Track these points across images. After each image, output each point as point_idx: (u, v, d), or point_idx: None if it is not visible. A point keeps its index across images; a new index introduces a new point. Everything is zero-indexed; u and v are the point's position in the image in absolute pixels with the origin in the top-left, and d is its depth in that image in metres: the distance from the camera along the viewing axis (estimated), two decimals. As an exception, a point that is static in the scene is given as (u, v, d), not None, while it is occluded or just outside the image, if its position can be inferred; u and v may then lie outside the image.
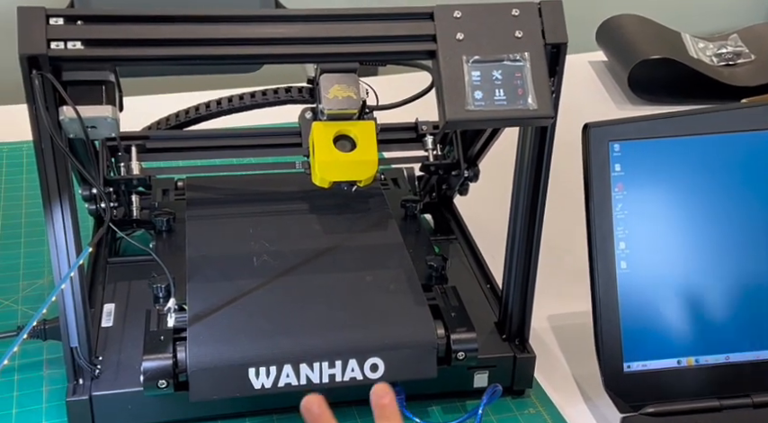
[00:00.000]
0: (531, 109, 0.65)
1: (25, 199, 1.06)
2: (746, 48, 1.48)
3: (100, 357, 0.74)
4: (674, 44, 1.46)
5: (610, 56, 1.48)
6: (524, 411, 0.78)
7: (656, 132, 0.75)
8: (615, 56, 1.46)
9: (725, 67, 1.44)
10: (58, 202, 0.66)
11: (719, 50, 1.47)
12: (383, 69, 0.90)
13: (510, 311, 0.78)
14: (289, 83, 0.92)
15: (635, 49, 1.41)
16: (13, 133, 1.18)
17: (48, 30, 0.61)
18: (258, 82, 1.05)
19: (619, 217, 0.75)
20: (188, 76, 1.48)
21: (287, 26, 0.65)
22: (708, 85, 1.38)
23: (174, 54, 0.64)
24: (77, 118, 0.62)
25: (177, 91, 1.25)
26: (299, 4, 1.11)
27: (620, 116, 0.77)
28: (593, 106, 1.35)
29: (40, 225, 1.00)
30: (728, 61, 1.45)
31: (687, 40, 1.49)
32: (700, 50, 1.46)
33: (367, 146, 0.79)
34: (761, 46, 1.49)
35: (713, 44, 1.49)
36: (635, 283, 0.75)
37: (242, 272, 0.79)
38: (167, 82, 1.35)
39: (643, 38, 1.45)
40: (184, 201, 0.91)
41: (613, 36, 1.48)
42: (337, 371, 0.72)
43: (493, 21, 0.66)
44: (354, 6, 0.67)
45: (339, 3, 0.76)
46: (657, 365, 0.76)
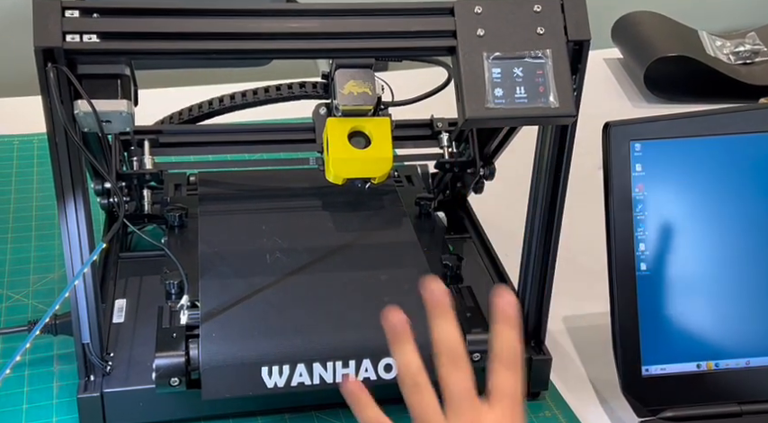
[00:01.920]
0: (552, 107, 0.64)
1: (36, 192, 1.06)
2: (764, 46, 1.47)
3: (111, 354, 0.74)
4: (691, 42, 1.44)
5: (625, 53, 1.47)
6: (540, 414, 0.78)
7: (678, 132, 0.74)
8: (631, 53, 1.44)
9: (742, 66, 1.43)
10: (71, 197, 0.65)
11: (737, 49, 1.46)
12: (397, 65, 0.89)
13: (526, 312, 0.77)
14: (299, 78, 0.91)
15: (651, 47, 1.39)
16: (25, 125, 1.17)
17: (63, 22, 0.60)
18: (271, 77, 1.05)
19: (639, 218, 0.74)
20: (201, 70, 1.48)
21: (304, 21, 0.65)
22: (725, 83, 1.37)
23: (190, 48, 0.63)
24: (92, 112, 0.62)
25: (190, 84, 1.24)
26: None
27: (636, 115, 0.76)
28: (609, 104, 1.34)
29: (51, 218, 1.00)
30: (746, 60, 1.44)
31: (704, 37, 1.48)
32: (717, 48, 1.45)
33: (382, 143, 0.79)
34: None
35: (730, 42, 1.48)
36: (654, 285, 0.75)
37: (255, 269, 0.78)
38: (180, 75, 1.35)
39: (659, 35, 1.44)
40: (197, 196, 0.91)
41: (629, 33, 1.47)
42: (351, 371, 0.71)
43: (514, 16, 0.65)
44: (372, 1, 0.66)
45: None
46: (676, 369, 0.75)
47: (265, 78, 0.97)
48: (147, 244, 0.88)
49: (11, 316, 0.86)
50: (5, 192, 1.06)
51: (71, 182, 0.65)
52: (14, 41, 0.86)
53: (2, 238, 0.97)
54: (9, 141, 1.16)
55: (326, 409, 0.76)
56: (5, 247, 0.96)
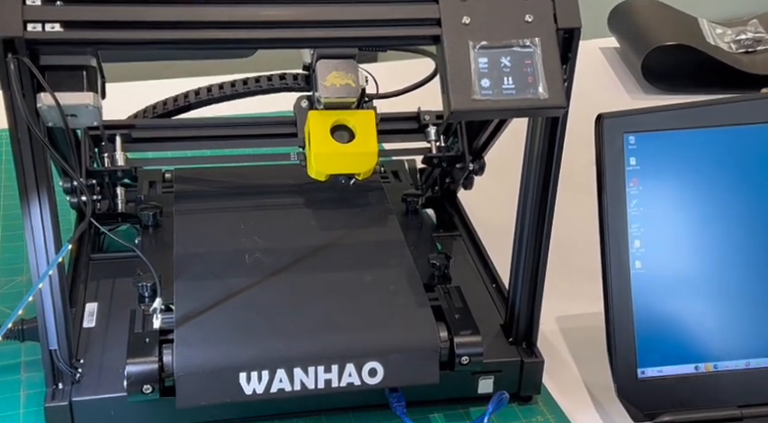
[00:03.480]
0: (541, 98, 0.64)
1: (3, 190, 1.05)
2: (767, 34, 1.47)
3: (81, 360, 0.73)
4: (691, 30, 1.44)
5: (622, 42, 1.47)
6: (532, 419, 0.77)
7: (674, 124, 0.74)
8: (628, 42, 1.44)
9: (744, 55, 1.43)
10: (35, 196, 0.64)
11: (738, 37, 1.46)
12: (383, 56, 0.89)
13: (517, 313, 0.77)
14: (284, 69, 0.90)
15: (649, 36, 1.39)
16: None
17: (24, 10, 0.59)
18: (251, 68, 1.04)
19: (633, 214, 0.74)
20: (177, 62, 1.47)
21: (283, 9, 0.64)
22: (726, 73, 1.37)
23: (162, 38, 0.62)
24: (56, 105, 0.61)
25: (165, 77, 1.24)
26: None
27: (634, 106, 0.76)
28: (605, 95, 1.34)
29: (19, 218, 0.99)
30: (748, 48, 1.44)
31: (704, 25, 1.48)
32: (717, 37, 1.45)
33: (366, 137, 0.78)
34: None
35: (731, 30, 1.48)
36: (650, 283, 0.74)
37: (233, 270, 0.78)
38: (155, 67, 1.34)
39: (657, 23, 1.44)
40: (172, 194, 0.90)
41: (626, 21, 1.47)
42: (333, 376, 0.70)
43: (501, 4, 0.64)
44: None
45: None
46: (674, 371, 0.75)
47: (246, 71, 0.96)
48: (120, 245, 0.87)
49: (-23, 321, 0.85)
50: (-27, 190, 1.05)
51: (35, 180, 0.64)
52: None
53: (-31, 240, 0.97)
54: (-23, 137, 1.16)
55: (310, 416, 0.76)
56: (-28, 249, 0.95)
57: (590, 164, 0.75)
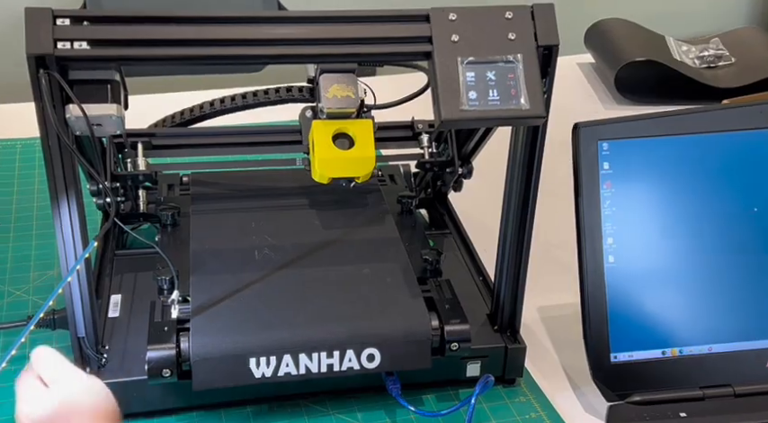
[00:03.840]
0: (523, 109, 0.64)
1: (37, 193, 1.05)
2: (727, 51, 1.47)
3: (106, 346, 0.73)
4: (659, 47, 1.44)
5: (597, 58, 1.47)
6: (515, 400, 0.77)
7: (644, 132, 0.74)
8: (602, 58, 1.44)
9: (706, 70, 1.43)
10: (65, 198, 0.64)
11: (701, 53, 1.46)
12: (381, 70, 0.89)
13: (502, 303, 0.77)
14: (290, 82, 0.90)
15: (621, 52, 1.39)
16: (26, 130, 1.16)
17: (54, 30, 0.59)
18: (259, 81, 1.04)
19: (607, 213, 0.74)
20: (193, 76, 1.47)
21: (288, 27, 0.64)
22: (690, 86, 1.36)
23: (179, 54, 0.62)
24: (83, 116, 0.61)
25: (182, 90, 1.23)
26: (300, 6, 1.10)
27: (607, 116, 0.76)
28: (581, 106, 1.34)
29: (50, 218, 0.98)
30: (710, 64, 1.44)
31: (671, 43, 1.48)
32: (683, 53, 1.45)
33: (365, 143, 0.78)
34: (741, 49, 1.47)
35: (695, 47, 1.48)
36: (622, 276, 0.74)
37: (244, 265, 0.77)
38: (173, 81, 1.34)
39: (629, 41, 1.44)
40: (189, 196, 0.90)
41: (601, 39, 1.47)
42: (335, 361, 0.71)
43: (487, 23, 0.64)
44: (353, 8, 0.65)
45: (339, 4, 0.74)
46: (643, 356, 0.75)
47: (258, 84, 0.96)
48: (142, 242, 0.87)
49: (12, 311, 0.84)
50: (8, 193, 1.05)
51: (64, 183, 0.64)
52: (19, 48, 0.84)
53: (4, 237, 0.96)
54: (12, 145, 1.15)
55: (314, 398, 0.76)
56: (7, 246, 0.95)
57: (567, 168, 0.75)
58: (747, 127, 0.75)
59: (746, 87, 1.36)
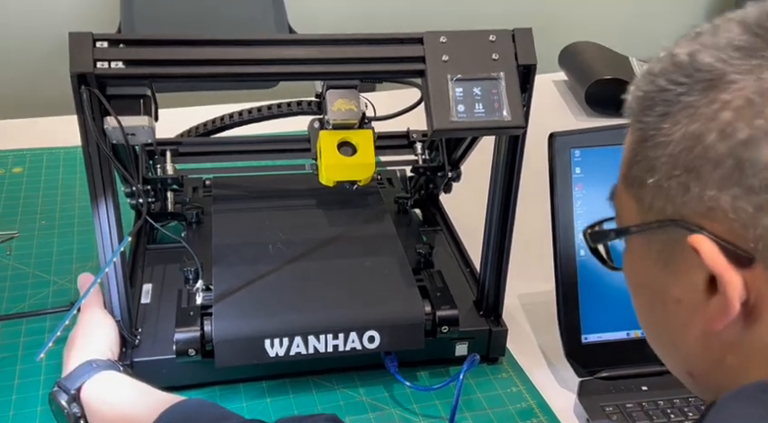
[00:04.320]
0: (505, 120, 0.64)
1: (78, 195, 1.05)
2: (684, 70, 1.47)
3: (140, 329, 0.73)
4: (623, 66, 1.44)
5: (569, 76, 1.47)
6: (498, 376, 0.77)
7: (611, 141, 0.74)
8: (574, 76, 1.44)
9: (666, 86, 1.43)
10: (103, 199, 0.64)
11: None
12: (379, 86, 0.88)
13: (486, 291, 0.77)
14: (299, 97, 0.90)
15: (591, 71, 1.39)
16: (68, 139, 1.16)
17: (94, 52, 0.59)
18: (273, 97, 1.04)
19: (578, 212, 0.74)
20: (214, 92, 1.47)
21: (299, 49, 0.64)
22: (651, 100, 1.36)
23: (202, 72, 0.63)
24: (119, 127, 0.61)
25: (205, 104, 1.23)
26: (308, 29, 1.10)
27: (578, 127, 0.75)
28: (555, 119, 1.33)
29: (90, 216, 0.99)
30: (669, 81, 1.44)
31: (634, 63, 1.47)
32: (645, 72, 1.45)
33: (366, 151, 0.78)
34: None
35: (656, 67, 1.48)
36: (591, 267, 0.74)
37: (259, 257, 0.77)
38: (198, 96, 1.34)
39: (597, 61, 1.44)
40: (211, 197, 0.90)
41: (572, 59, 1.47)
42: (340, 342, 0.71)
43: (473, 45, 0.65)
44: (356, 32, 0.65)
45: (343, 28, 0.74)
46: (610, 337, 0.75)
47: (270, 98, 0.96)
48: (169, 237, 0.87)
49: (57, 298, 0.84)
50: (53, 195, 1.05)
51: (102, 186, 0.64)
52: (60, 69, 0.84)
53: (49, 234, 0.96)
54: (56, 153, 1.15)
55: (321, 375, 0.76)
56: (52, 241, 0.95)
57: (543, 172, 0.75)
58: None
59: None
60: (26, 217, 0.99)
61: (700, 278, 0.40)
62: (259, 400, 0.73)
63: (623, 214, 0.46)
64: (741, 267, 0.39)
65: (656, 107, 0.41)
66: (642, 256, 0.44)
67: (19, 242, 0.94)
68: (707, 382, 0.45)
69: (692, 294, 0.41)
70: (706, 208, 0.39)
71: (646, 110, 0.42)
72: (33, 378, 0.74)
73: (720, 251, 0.39)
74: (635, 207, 0.44)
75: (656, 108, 0.41)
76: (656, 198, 0.41)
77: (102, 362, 0.65)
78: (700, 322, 0.42)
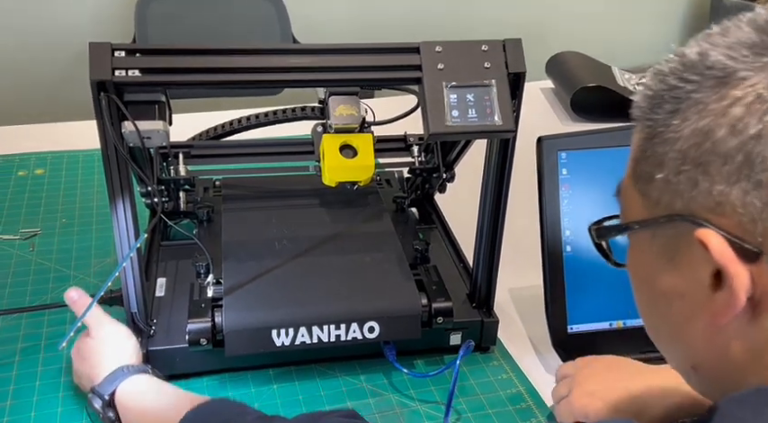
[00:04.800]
0: (497, 124, 0.64)
1: (96, 194, 1.05)
2: (663, 78, 1.47)
3: (154, 320, 0.73)
4: (606, 75, 1.44)
5: (556, 84, 1.47)
6: (490, 364, 0.77)
7: (595, 144, 0.74)
8: (560, 84, 1.44)
9: (645, 93, 1.43)
10: (120, 198, 0.64)
11: (641, 80, 1.46)
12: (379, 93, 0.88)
13: (479, 285, 0.77)
14: (303, 104, 0.90)
15: (576, 79, 1.39)
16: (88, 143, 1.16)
17: (113, 61, 0.59)
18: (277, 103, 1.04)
19: (565, 210, 0.74)
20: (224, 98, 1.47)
21: (304, 58, 0.64)
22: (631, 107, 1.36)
23: (213, 80, 0.63)
24: (136, 131, 0.61)
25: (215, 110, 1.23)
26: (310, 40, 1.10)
27: (565, 131, 0.75)
28: (543, 123, 1.34)
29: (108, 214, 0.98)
30: (648, 89, 1.44)
31: (616, 72, 1.48)
32: (626, 80, 1.45)
33: (366, 153, 0.78)
34: (674, 77, 1.48)
35: (636, 75, 1.48)
36: (577, 262, 0.74)
37: (266, 253, 0.77)
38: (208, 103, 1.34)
39: (582, 70, 1.44)
40: (221, 196, 0.89)
41: (559, 68, 1.47)
42: (342, 332, 0.71)
43: (467, 54, 0.64)
44: (356, 42, 0.65)
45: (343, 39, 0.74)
46: (594, 327, 0.75)
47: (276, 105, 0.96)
48: (182, 234, 0.87)
49: (76, 291, 0.84)
50: (72, 195, 1.05)
51: (120, 186, 0.64)
52: (79, 77, 0.84)
53: (69, 231, 0.96)
54: (75, 155, 1.15)
55: (325, 363, 0.76)
56: (72, 238, 0.95)
57: (531, 174, 0.75)
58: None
59: (678, 108, 1.36)
60: (47, 215, 0.99)
61: (705, 272, 0.39)
62: (266, 386, 0.73)
63: (629, 210, 0.44)
64: (748, 262, 0.38)
65: (666, 105, 0.40)
66: (646, 252, 0.43)
67: (41, 239, 0.94)
68: (711, 377, 0.44)
69: (697, 289, 0.40)
70: (714, 203, 0.38)
71: (655, 108, 0.40)
72: (55, 365, 0.74)
73: (728, 245, 0.38)
74: (641, 203, 0.42)
75: (665, 105, 0.40)
76: (664, 193, 0.40)
77: (133, 367, 0.65)
78: (705, 317, 0.40)
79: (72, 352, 0.69)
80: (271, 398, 0.71)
